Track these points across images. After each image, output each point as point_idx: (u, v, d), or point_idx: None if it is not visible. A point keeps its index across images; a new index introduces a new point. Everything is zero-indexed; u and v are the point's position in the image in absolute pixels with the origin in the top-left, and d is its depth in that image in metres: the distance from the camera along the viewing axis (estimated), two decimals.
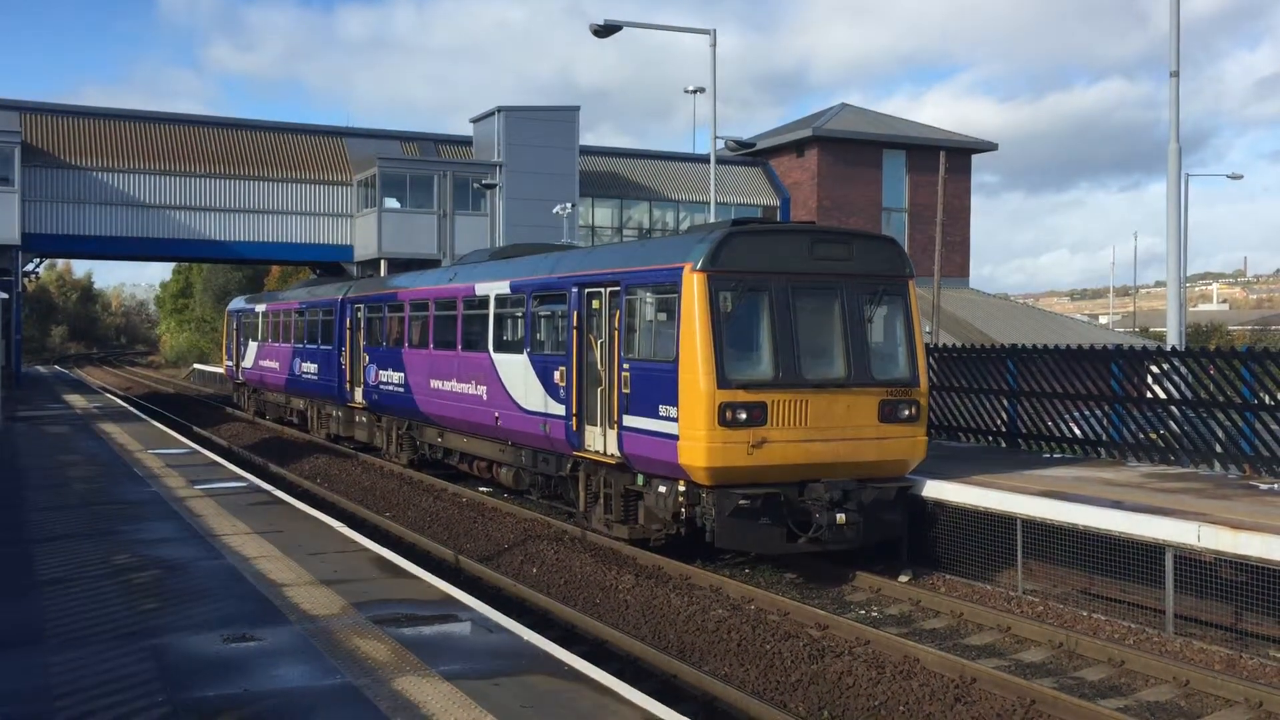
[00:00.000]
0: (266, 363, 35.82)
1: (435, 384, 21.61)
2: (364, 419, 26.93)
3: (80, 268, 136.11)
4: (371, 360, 25.65)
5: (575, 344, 16.06)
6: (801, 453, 13.45)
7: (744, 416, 13.12)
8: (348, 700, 7.53)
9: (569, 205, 39.43)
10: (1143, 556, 12.19)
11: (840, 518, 13.38)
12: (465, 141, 47.06)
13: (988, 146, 54.98)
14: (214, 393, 57.45)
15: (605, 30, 27.23)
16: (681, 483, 13.79)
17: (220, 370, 70.31)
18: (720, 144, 30.32)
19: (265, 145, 44.39)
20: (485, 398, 19.26)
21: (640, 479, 14.85)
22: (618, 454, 14.93)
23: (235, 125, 45.30)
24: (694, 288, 13.32)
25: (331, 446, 29.37)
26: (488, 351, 19.35)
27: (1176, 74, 18.24)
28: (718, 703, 10.07)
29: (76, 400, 39.75)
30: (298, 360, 31.80)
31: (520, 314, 18.41)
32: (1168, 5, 18.46)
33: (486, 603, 10.58)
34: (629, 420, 14.50)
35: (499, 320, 19.30)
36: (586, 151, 46.98)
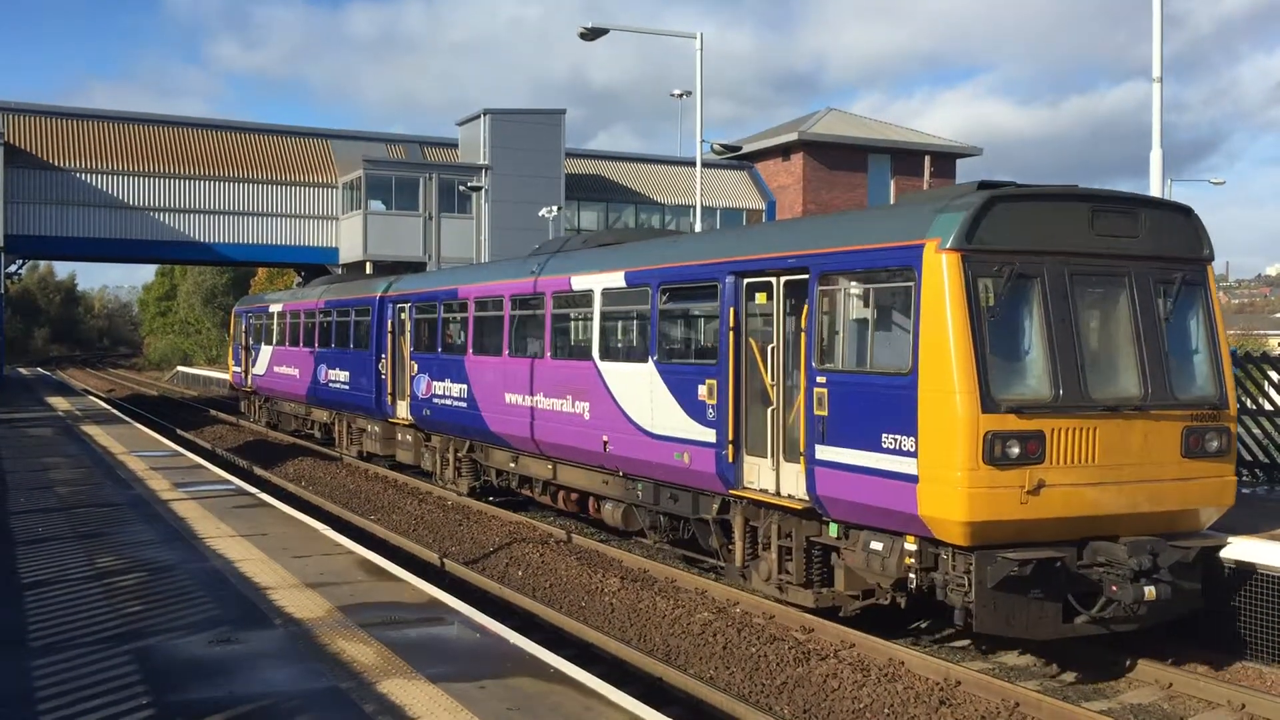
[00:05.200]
0: (283, 369, 32.24)
1: (512, 399, 18.06)
2: (409, 437, 23.33)
3: (63, 269, 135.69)
4: (422, 369, 21.97)
5: (731, 350, 12.63)
6: (1088, 501, 10.13)
7: (1016, 451, 9.82)
8: (333, 703, 7.51)
9: (555, 208, 39.46)
10: None
11: (1150, 592, 9.97)
12: (451, 144, 47.02)
13: (972, 152, 55.14)
14: (197, 395, 57.28)
15: (593, 33, 27.30)
16: (911, 539, 10.54)
17: (208, 373, 70.14)
18: (706, 147, 30.38)
19: (251, 147, 44.27)
20: (588, 417, 15.72)
21: (834, 529, 11.60)
22: (804, 496, 11.57)
23: (221, 127, 45.16)
24: (943, 273, 9.96)
25: (315, 449, 29.26)
26: (592, 360, 15.71)
27: (1160, 80, 18.35)
28: (703, 705, 10.08)
29: (59, 402, 39.53)
30: (323, 367, 28.27)
31: (642, 313, 14.80)
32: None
33: (472, 605, 10.56)
34: (826, 452, 11.16)
35: (608, 321, 15.88)
36: (572, 154, 46.99)
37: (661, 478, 14.40)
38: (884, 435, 10.45)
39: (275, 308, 33.92)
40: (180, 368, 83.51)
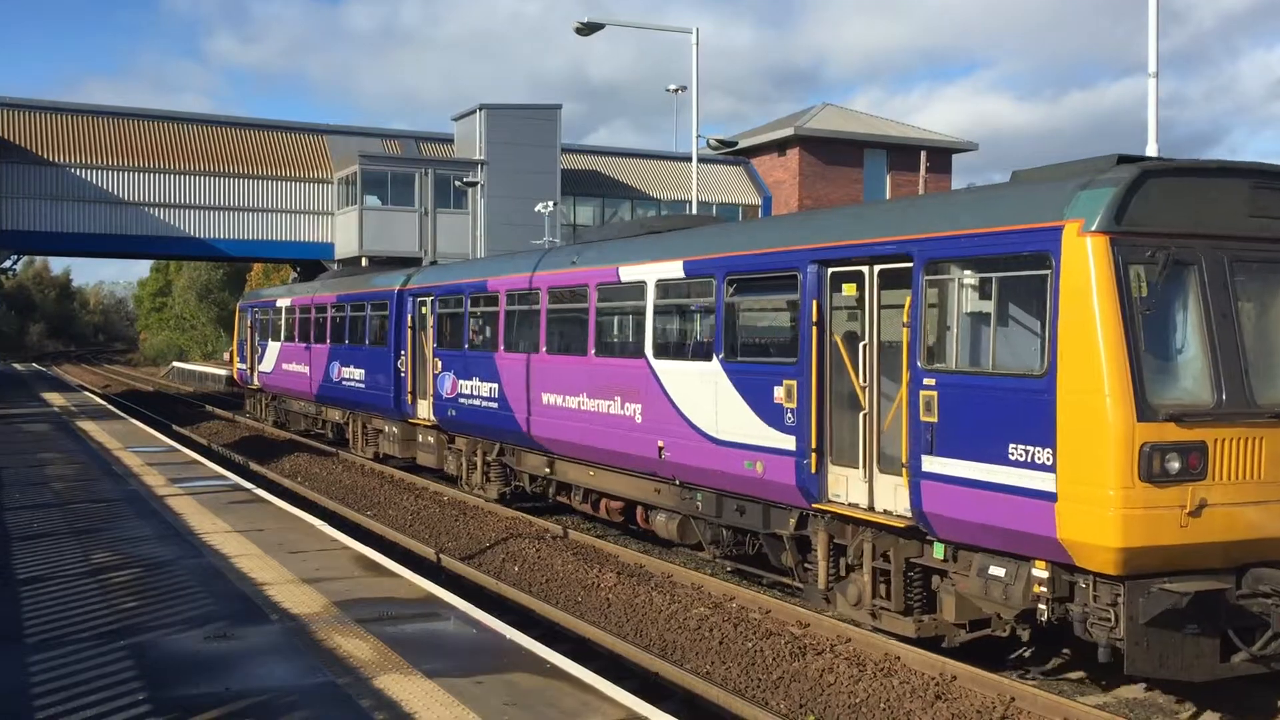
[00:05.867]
0: (291, 367, 30.97)
1: (549, 399, 16.72)
2: (430, 439, 22.14)
3: (58, 265, 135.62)
4: (446, 367, 20.71)
5: (815, 347, 11.32)
6: (1251, 523, 8.89)
7: (1176, 466, 8.58)
8: (330, 698, 7.52)
9: (551, 204, 39.46)
10: None
11: None
12: (447, 139, 46.99)
13: (968, 147, 55.24)
14: (193, 391, 57.23)
15: (589, 29, 27.29)
16: (1041, 565, 9.32)
17: (203, 368, 70.03)
18: (703, 142, 30.40)
19: (246, 142, 44.21)
20: (640, 420, 14.39)
21: (940, 550, 10.37)
22: (904, 512, 10.38)
23: (216, 122, 45.10)
24: (1089, 259, 8.73)
25: (311, 445, 29.23)
26: (644, 357, 14.38)
27: (1155, 75, 18.36)
28: (700, 700, 10.09)
29: (55, 398, 39.51)
30: (335, 365, 27.07)
31: (705, 306, 13.62)
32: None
33: (468, 601, 10.57)
34: (934, 464, 9.91)
35: (663, 315, 14.57)
36: (568, 150, 46.99)
37: (727, 488, 13.08)
38: (1011, 446, 9.20)
39: (283, 302, 32.67)
40: (176, 363, 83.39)
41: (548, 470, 17.73)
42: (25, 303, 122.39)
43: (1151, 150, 18.87)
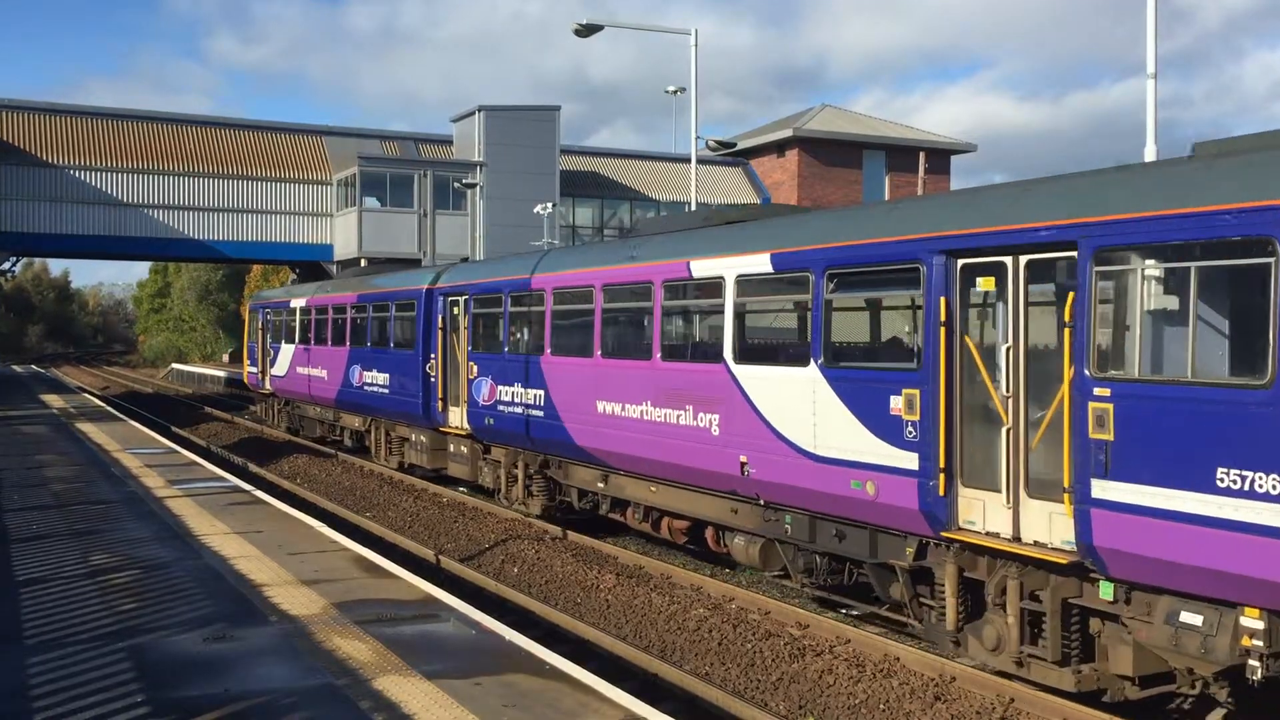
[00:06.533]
0: (307, 370, 29.58)
1: (605, 408, 15.22)
2: (464, 449, 20.55)
3: (57, 266, 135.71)
4: (483, 372, 19.17)
5: (943, 351, 9.85)
6: None
7: None
8: (329, 700, 7.52)
9: (550, 205, 39.48)
10: None
11: None
12: (446, 140, 47.01)
13: (967, 148, 55.30)
14: (192, 393, 57.23)
15: (587, 30, 27.33)
16: (1254, 613, 7.91)
17: (203, 370, 70.06)
18: (701, 144, 30.45)
19: (245, 144, 44.22)
20: (717, 432, 12.88)
21: (1108, 590, 8.88)
22: (1064, 544, 8.95)
23: (215, 124, 45.11)
24: None
25: (310, 446, 29.20)
26: (723, 362, 12.79)
27: (1154, 76, 18.37)
28: (699, 701, 10.10)
29: (53, 400, 39.51)
30: (356, 368, 25.66)
31: (799, 303, 12.23)
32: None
33: (467, 602, 10.58)
34: (1110, 489, 8.46)
35: (745, 314, 12.95)
36: (567, 151, 47.02)
37: (826, 510, 11.53)
38: (1220, 470, 7.77)
39: (298, 303, 31.13)
40: (175, 365, 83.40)
41: (601, 485, 16.23)
42: (24, 304, 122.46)
43: (1150, 151, 18.85)
